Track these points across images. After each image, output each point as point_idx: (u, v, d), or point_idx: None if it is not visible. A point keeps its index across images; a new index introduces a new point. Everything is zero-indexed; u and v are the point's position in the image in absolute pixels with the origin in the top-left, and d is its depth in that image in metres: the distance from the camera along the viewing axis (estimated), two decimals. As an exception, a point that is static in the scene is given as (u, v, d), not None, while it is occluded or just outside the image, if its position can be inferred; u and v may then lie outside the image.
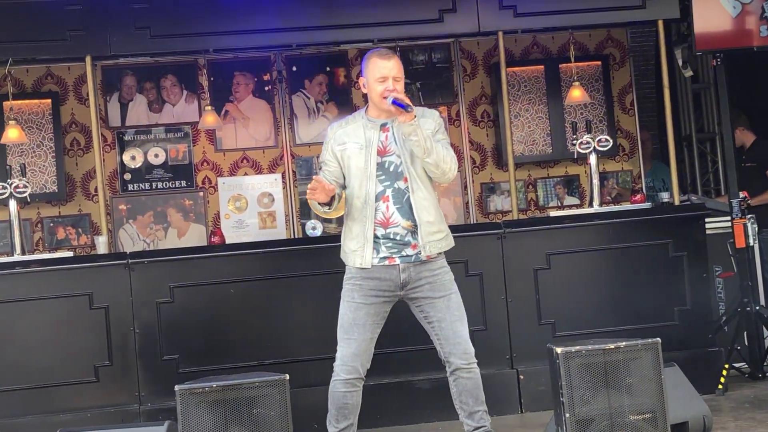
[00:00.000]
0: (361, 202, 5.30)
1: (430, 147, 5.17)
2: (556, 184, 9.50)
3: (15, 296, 6.84)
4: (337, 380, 5.31)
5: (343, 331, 5.33)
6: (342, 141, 5.37)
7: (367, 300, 5.30)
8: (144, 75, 9.14)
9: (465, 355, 5.31)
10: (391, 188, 5.29)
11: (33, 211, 8.86)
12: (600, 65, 9.51)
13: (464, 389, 5.33)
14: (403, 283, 5.30)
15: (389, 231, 5.29)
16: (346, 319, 5.33)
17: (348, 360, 5.28)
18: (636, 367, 4.92)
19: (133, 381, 6.89)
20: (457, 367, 5.31)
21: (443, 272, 5.37)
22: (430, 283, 5.32)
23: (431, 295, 5.32)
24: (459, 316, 5.34)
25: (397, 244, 5.29)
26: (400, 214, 5.28)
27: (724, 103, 7.94)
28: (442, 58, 9.44)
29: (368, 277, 5.30)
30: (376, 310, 5.32)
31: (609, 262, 7.33)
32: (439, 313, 5.32)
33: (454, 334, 5.31)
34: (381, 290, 5.31)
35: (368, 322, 5.30)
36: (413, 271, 5.30)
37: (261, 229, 9.17)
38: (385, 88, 5.24)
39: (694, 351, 7.21)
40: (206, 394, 4.74)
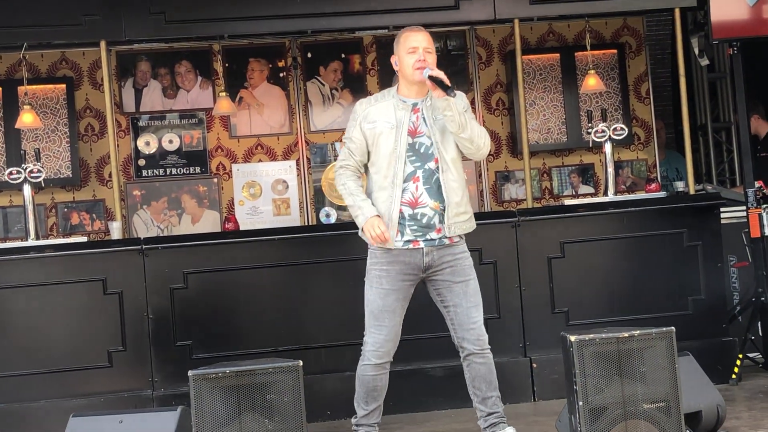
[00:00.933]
0: (389, 182, 5.31)
1: (464, 122, 5.21)
2: (570, 173, 9.47)
3: (29, 281, 6.87)
4: (368, 365, 5.36)
5: (374, 318, 5.37)
6: (372, 119, 5.38)
7: (394, 285, 5.34)
8: (158, 60, 9.13)
9: (478, 341, 5.35)
10: (421, 169, 5.31)
11: (47, 196, 8.87)
12: (616, 53, 9.46)
13: (477, 374, 5.38)
14: (426, 266, 5.35)
15: (417, 211, 5.31)
16: (375, 305, 5.36)
17: (380, 345, 5.34)
18: (650, 355, 4.90)
19: (146, 366, 6.91)
20: (470, 352, 5.36)
21: (464, 257, 5.41)
22: (451, 267, 5.36)
23: (450, 279, 5.36)
24: (475, 303, 5.38)
25: (422, 227, 5.31)
26: (429, 194, 5.30)
27: (740, 93, 7.89)
28: (457, 45, 9.41)
29: (394, 261, 5.34)
30: (404, 294, 5.38)
31: (623, 251, 7.31)
32: (456, 297, 5.37)
33: (468, 319, 5.35)
34: (406, 273, 5.35)
35: (397, 306, 5.36)
36: (436, 255, 5.34)
37: (275, 216, 9.17)
38: (417, 59, 5.27)
39: (708, 340, 7.20)
40: (219, 380, 4.73)
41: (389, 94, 5.44)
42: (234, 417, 4.73)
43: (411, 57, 5.31)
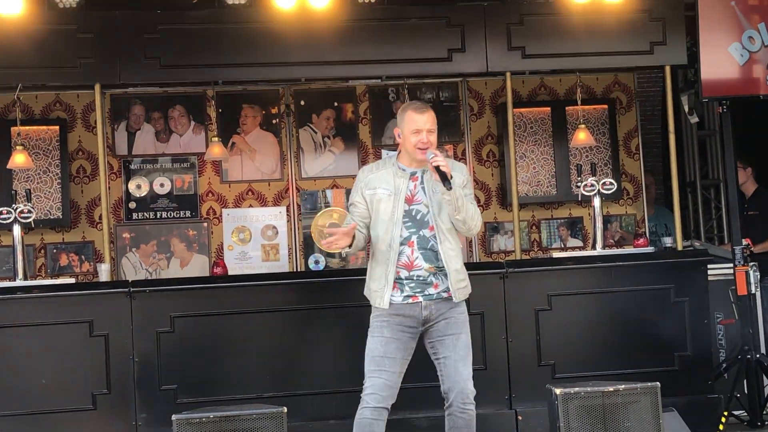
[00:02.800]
0: (386, 246, 5.48)
1: (461, 205, 5.39)
2: (559, 226, 9.50)
3: (16, 321, 6.84)
4: (367, 407, 5.40)
5: (374, 364, 5.44)
6: (372, 186, 5.56)
7: (395, 335, 5.45)
8: (152, 104, 9.18)
9: (461, 394, 5.41)
10: (416, 235, 5.47)
11: (37, 236, 8.87)
12: (606, 109, 9.54)
13: (454, 426, 5.45)
14: (425, 319, 5.47)
15: (413, 273, 5.46)
16: (377, 352, 5.46)
17: (379, 389, 5.39)
18: (635, 410, 4.92)
19: (130, 410, 6.87)
20: (452, 404, 5.43)
21: (460, 311, 5.53)
22: (446, 320, 5.48)
23: (444, 331, 5.47)
24: (463, 356, 5.46)
25: (420, 284, 5.46)
26: (424, 258, 5.46)
27: (729, 151, 7.96)
28: (449, 96, 9.48)
29: (394, 314, 5.46)
30: (405, 345, 5.47)
31: (610, 305, 7.32)
32: (447, 350, 5.46)
33: (455, 372, 5.43)
34: (406, 326, 5.46)
35: (398, 356, 5.45)
36: (434, 308, 5.46)
37: (264, 261, 9.17)
38: (419, 140, 5.44)
39: (694, 397, 7.19)
40: (203, 425, 4.73)
41: (390, 162, 5.62)
42: (217, 462, 4.72)
43: (414, 137, 5.47)
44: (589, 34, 7.84)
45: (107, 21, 7.45)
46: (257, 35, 7.61)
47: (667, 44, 7.84)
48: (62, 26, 7.40)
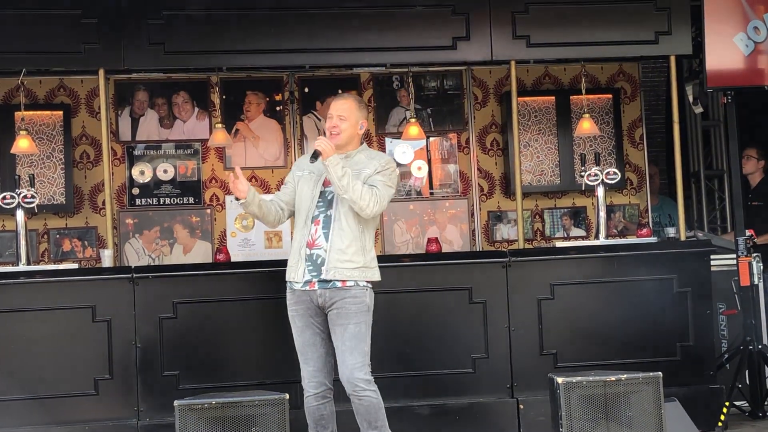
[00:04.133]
0: (302, 222, 5.83)
1: (345, 185, 5.67)
2: (563, 215, 9.50)
3: (18, 306, 6.84)
4: (308, 396, 5.76)
5: (300, 353, 5.85)
6: (302, 168, 6.01)
7: (306, 321, 5.80)
8: (156, 90, 9.17)
9: (348, 383, 5.68)
10: (323, 214, 5.80)
11: (40, 222, 8.87)
12: (611, 98, 9.52)
13: (357, 412, 5.72)
14: (321, 305, 5.75)
15: (312, 252, 5.75)
16: (297, 343, 5.86)
17: (312, 376, 5.77)
18: (636, 400, 4.92)
19: (132, 395, 6.88)
20: (348, 392, 5.71)
21: (351, 302, 5.73)
22: (337, 309, 5.72)
23: (335, 320, 5.74)
24: (350, 347, 5.69)
25: (316, 266, 5.72)
26: (324, 237, 5.75)
27: (733, 141, 7.95)
28: (453, 85, 9.47)
29: (298, 301, 5.81)
30: (319, 329, 5.80)
31: (613, 295, 7.32)
32: (336, 340, 5.75)
33: (341, 362, 5.71)
34: (311, 310, 5.79)
35: (317, 341, 5.80)
36: (328, 295, 5.73)
37: (267, 248, 9.18)
38: (327, 126, 5.92)
39: (695, 387, 7.19)
40: (205, 411, 4.74)
41: None
42: (219, 449, 4.72)
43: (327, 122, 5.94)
44: (594, 24, 7.82)
45: (111, 6, 7.43)
46: (262, 22, 7.59)
47: (672, 34, 7.83)
48: (66, 11, 7.38)
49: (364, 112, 5.99)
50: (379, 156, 6.02)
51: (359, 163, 5.88)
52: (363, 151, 5.98)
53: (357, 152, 5.94)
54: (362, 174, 5.81)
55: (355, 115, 5.90)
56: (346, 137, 5.88)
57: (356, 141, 5.96)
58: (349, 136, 5.89)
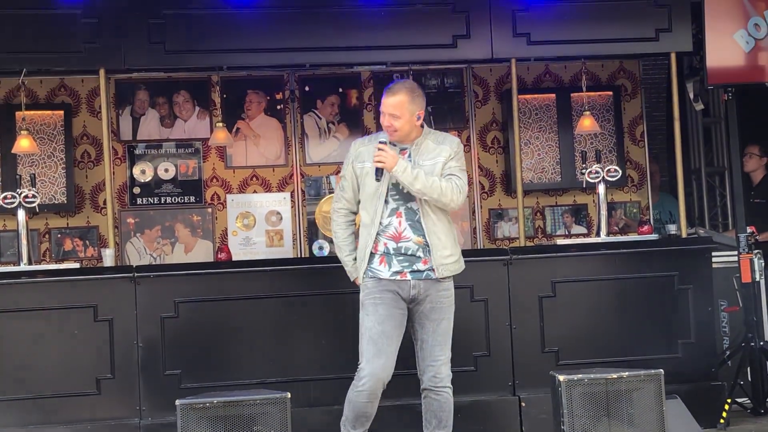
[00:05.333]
0: (369, 219, 5.58)
1: (420, 188, 5.46)
2: (564, 213, 9.50)
3: (20, 306, 6.85)
4: (363, 391, 5.46)
5: (372, 343, 5.48)
6: (363, 159, 5.67)
7: (391, 312, 5.51)
8: (157, 90, 9.17)
9: (434, 378, 5.54)
10: (404, 206, 5.55)
11: (41, 221, 8.87)
12: (611, 96, 9.52)
13: (429, 408, 5.60)
14: (412, 298, 5.53)
15: (401, 245, 5.52)
16: (374, 331, 5.49)
17: (378, 372, 5.44)
18: (638, 397, 4.93)
19: (134, 395, 6.89)
20: (425, 387, 5.58)
21: (447, 295, 5.59)
22: (431, 303, 5.55)
23: (427, 315, 5.55)
24: (441, 342, 5.57)
25: (408, 257, 5.51)
26: (412, 230, 5.53)
27: (734, 138, 7.95)
28: (454, 83, 9.46)
29: (385, 290, 5.53)
30: (399, 322, 5.55)
31: (614, 293, 7.33)
32: (425, 334, 5.56)
33: (430, 356, 5.55)
34: (398, 302, 5.54)
35: (395, 334, 5.52)
36: (422, 287, 5.52)
37: (268, 247, 9.18)
38: (383, 123, 5.62)
39: (697, 384, 7.20)
40: (207, 410, 4.74)
41: (383, 135, 5.69)
42: (221, 447, 4.73)
43: (382, 118, 5.65)
44: (594, 21, 7.83)
45: (112, 5, 7.44)
46: (262, 20, 7.60)
47: (672, 31, 7.83)
48: (66, 10, 7.39)
49: (419, 101, 5.66)
50: (448, 139, 5.73)
51: (430, 151, 5.64)
52: (429, 136, 5.70)
53: (423, 139, 5.68)
54: (437, 164, 5.59)
55: (408, 109, 5.58)
56: (404, 133, 5.62)
57: (417, 131, 5.68)
58: (407, 131, 5.62)
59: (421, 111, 5.64)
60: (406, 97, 5.59)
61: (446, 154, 5.60)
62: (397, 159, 5.47)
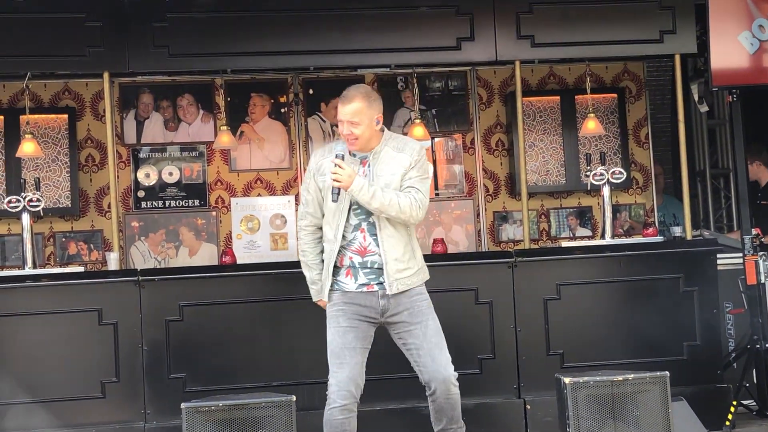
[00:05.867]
0: (332, 234, 5.40)
1: (378, 207, 5.26)
2: (568, 215, 9.49)
3: (25, 310, 6.85)
4: (334, 408, 5.29)
5: (335, 356, 5.35)
6: (323, 171, 5.44)
7: (352, 323, 5.36)
8: (161, 93, 9.17)
9: (443, 382, 5.36)
10: (366, 222, 5.37)
11: (45, 225, 8.88)
12: (616, 98, 9.51)
13: (440, 409, 5.44)
14: (383, 309, 5.38)
15: (366, 259, 5.37)
16: (336, 344, 5.37)
17: (344, 384, 5.28)
18: (644, 400, 4.91)
19: (139, 398, 6.88)
20: (434, 391, 5.38)
21: (420, 299, 5.43)
22: (408, 310, 5.38)
23: (409, 320, 5.38)
24: (436, 343, 5.39)
25: (374, 270, 5.36)
26: (376, 244, 5.36)
27: (739, 140, 7.93)
28: (458, 85, 9.46)
29: (350, 302, 5.38)
30: (363, 334, 5.38)
31: (619, 295, 7.31)
32: (417, 339, 5.38)
33: (432, 360, 5.36)
34: (363, 315, 5.38)
35: (357, 345, 5.35)
36: (392, 299, 5.36)
37: (272, 250, 9.17)
38: (341, 131, 5.38)
39: (702, 386, 7.18)
40: (212, 413, 4.73)
41: (339, 146, 5.46)
42: (226, 451, 4.73)
43: (340, 127, 5.40)
44: (598, 23, 7.82)
45: (115, 9, 7.45)
46: (266, 23, 7.60)
47: (676, 33, 7.82)
48: (71, 14, 7.40)
49: (376, 105, 5.43)
50: (408, 145, 5.47)
51: (388, 162, 5.42)
52: (388, 143, 5.46)
53: (382, 146, 5.45)
54: (395, 175, 5.38)
55: (366, 115, 5.36)
56: (364, 140, 5.38)
57: (376, 136, 5.44)
58: (367, 137, 5.39)
59: (380, 115, 5.43)
60: (363, 102, 5.36)
61: (406, 163, 5.39)
62: (353, 177, 5.25)
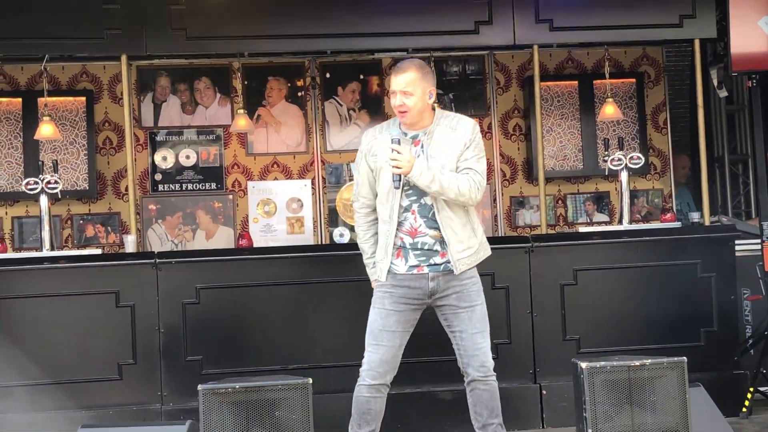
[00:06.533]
0: (387, 215, 5.33)
1: (437, 190, 5.19)
2: (585, 200, 9.46)
3: (42, 292, 6.87)
4: (362, 385, 5.32)
5: (372, 337, 5.34)
6: (375, 152, 5.37)
7: (397, 307, 5.32)
8: (178, 76, 9.18)
9: (482, 367, 5.32)
10: (417, 203, 5.30)
11: (63, 207, 8.91)
12: (634, 83, 9.47)
13: (479, 400, 5.36)
14: (431, 291, 5.32)
15: (417, 240, 5.30)
16: (376, 325, 5.35)
17: (375, 365, 5.29)
18: (661, 385, 4.89)
19: (156, 380, 6.91)
20: (473, 378, 5.34)
21: (471, 283, 5.37)
22: (457, 293, 5.33)
23: (457, 304, 5.34)
24: (480, 329, 5.34)
25: (425, 252, 5.30)
26: (427, 225, 5.29)
27: (758, 126, 7.89)
28: (476, 69, 9.43)
29: (398, 285, 5.32)
30: (406, 318, 5.34)
31: (636, 280, 7.29)
32: (462, 324, 5.34)
33: (473, 345, 5.32)
34: (411, 298, 5.33)
35: (398, 329, 5.33)
36: (442, 281, 5.31)
37: (289, 234, 9.18)
38: (394, 104, 5.29)
39: (719, 373, 7.16)
40: (229, 395, 4.74)
41: (393, 124, 5.42)
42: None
43: (392, 99, 5.32)
44: (617, 7, 7.77)
45: (134, -8, 7.45)
46: (283, 7, 7.58)
47: (696, 17, 7.76)
48: (89, -3, 7.41)
49: (430, 78, 5.33)
50: (462, 123, 5.35)
51: (443, 142, 5.30)
52: (441, 122, 5.35)
53: (435, 126, 5.34)
54: (451, 156, 5.28)
55: (420, 86, 5.25)
56: (417, 113, 5.27)
57: (429, 112, 5.34)
58: (420, 110, 5.28)
59: (433, 89, 5.33)
60: (417, 73, 5.27)
61: (461, 143, 5.29)
62: (413, 162, 5.17)
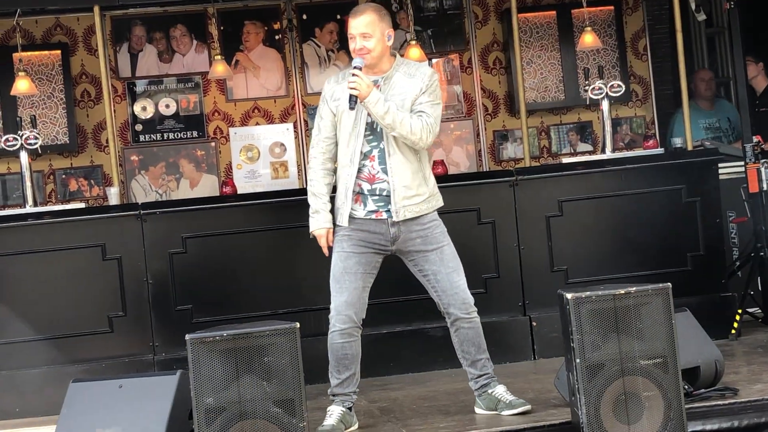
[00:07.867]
0: (348, 159, 5.32)
1: (390, 123, 5.17)
2: (569, 131, 9.45)
3: (28, 248, 6.86)
4: (334, 331, 5.36)
5: (335, 281, 5.38)
6: (336, 97, 5.37)
7: (356, 249, 5.34)
8: (153, 25, 9.10)
9: (464, 305, 5.36)
10: (377, 149, 5.31)
11: (45, 162, 8.87)
12: (613, 10, 9.41)
13: (465, 338, 5.41)
14: (393, 237, 5.33)
15: (375, 187, 5.31)
16: (337, 269, 5.38)
17: (342, 309, 5.33)
18: (647, 312, 4.90)
19: (147, 331, 6.93)
20: (456, 317, 5.38)
21: (434, 226, 5.39)
22: (421, 237, 5.34)
23: (423, 248, 5.35)
24: (454, 267, 5.38)
25: (383, 197, 5.31)
26: (384, 172, 5.30)
27: (738, 47, 7.85)
28: (453, 4, 9.37)
29: (357, 229, 5.34)
30: (366, 260, 5.36)
31: (622, 209, 7.30)
32: (434, 266, 5.36)
33: (451, 285, 5.35)
34: (371, 242, 5.34)
35: (359, 270, 5.34)
36: (403, 226, 5.31)
37: (273, 179, 9.17)
38: (353, 47, 5.27)
39: (708, 296, 7.21)
40: (217, 344, 4.74)
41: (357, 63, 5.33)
42: (232, 380, 4.73)
43: (351, 43, 5.30)
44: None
45: (103, -59, 7.36)
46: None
47: (672, -60, 7.71)
48: (58, -52, 7.32)
49: (387, 19, 5.32)
50: (419, 70, 5.36)
51: (400, 86, 5.30)
52: (400, 67, 5.35)
53: (394, 71, 5.34)
54: (407, 100, 5.27)
55: (379, 27, 5.24)
56: (377, 55, 5.26)
57: (388, 56, 5.34)
58: (380, 53, 5.27)
59: (391, 30, 5.32)
60: (375, 15, 5.26)
61: (417, 88, 5.28)
62: (371, 88, 5.16)
